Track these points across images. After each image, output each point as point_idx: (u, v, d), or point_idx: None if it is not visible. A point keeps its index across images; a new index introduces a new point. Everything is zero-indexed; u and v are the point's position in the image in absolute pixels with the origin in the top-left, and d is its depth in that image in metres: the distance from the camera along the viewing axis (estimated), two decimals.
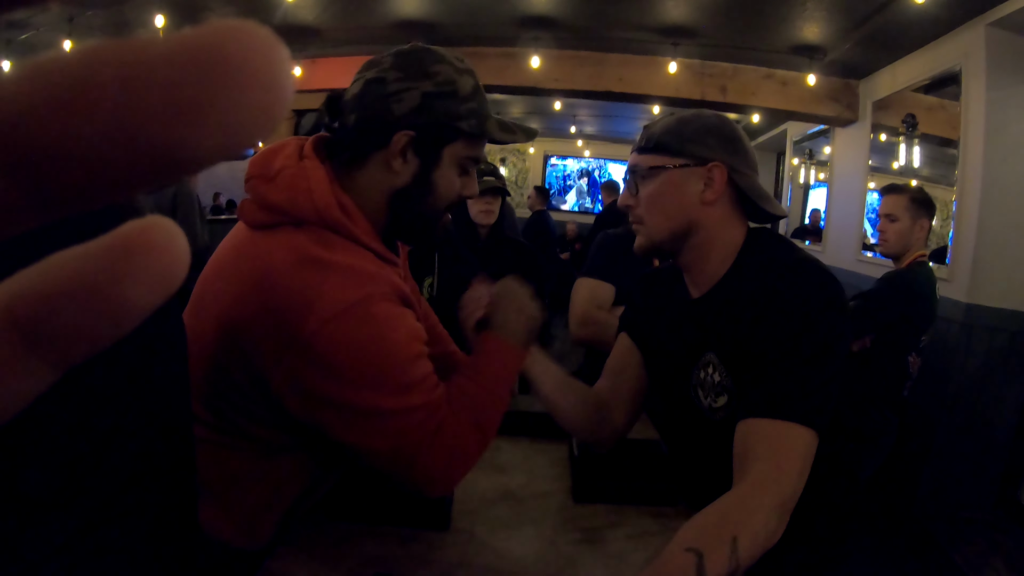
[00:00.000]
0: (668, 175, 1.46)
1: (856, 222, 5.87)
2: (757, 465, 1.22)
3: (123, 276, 0.18)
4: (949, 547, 3.66)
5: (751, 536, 1.13)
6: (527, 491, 1.65)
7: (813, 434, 1.25)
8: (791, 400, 1.25)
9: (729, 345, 1.41)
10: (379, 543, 1.39)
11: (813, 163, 7.73)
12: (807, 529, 1.29)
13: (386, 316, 1.20)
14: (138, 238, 0.18)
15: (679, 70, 5.74)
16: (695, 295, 1.52)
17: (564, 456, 1.84)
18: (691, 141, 1.44)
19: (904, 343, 3.16)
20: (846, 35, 4.92)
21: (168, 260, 0.18)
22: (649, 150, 1.48)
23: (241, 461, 1.29)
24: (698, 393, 1.48)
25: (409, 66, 1.27)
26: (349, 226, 1.24)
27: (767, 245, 1.47)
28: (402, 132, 1.27)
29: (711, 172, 1.43)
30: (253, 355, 1.18)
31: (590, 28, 5.50)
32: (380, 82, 1.27)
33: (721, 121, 1.48)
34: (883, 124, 5.59)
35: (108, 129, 0.16)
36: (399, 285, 1.25)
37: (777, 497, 1.18)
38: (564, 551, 1.41)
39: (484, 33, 5.80)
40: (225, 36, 0.17)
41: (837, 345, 1.31)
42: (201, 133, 0.16)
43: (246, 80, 0.17)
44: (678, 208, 1.46)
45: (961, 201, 4.23)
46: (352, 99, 1.27)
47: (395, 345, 1.21)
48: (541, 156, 12.70)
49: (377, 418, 1.20)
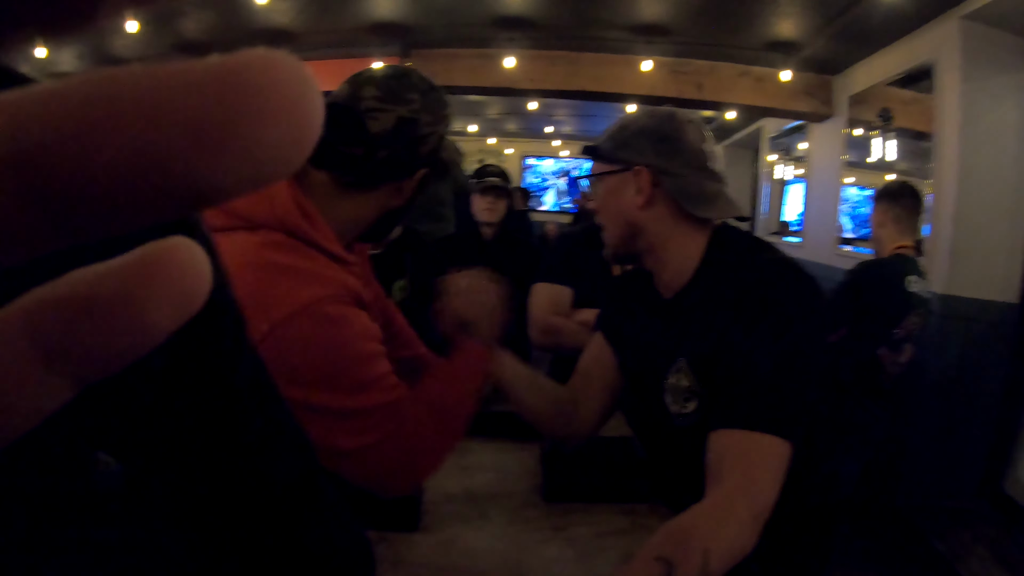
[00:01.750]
0: (605, 181, 1.49)
1: (832, 216, 5.90)
2: (729, 476, 1.21)
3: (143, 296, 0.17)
4: (933, 537, 3.67)
5: (723, 547, 1.12)
6: (497, 490, 1.64)
7: (787, 444, 1.23)
8: (764, 410, 1.24)
9: (699, 350, 1.39)
10: None
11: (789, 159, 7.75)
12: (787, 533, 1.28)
13: (339, 317, 1.19)
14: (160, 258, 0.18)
15: (654, 68, 5.74)
16: (666, 296, 1.52)
17: (535, 455, 1.83)
18: (622, 146, 1.46)
19: (872, 336, 3.16)
20: (820, 30, 4.93)
21: (189, 281, 0.18)
22: (594, 156, 1.53)
23: None
24: (666, 399, 1.46)
25: (434, 108, 1.32)
26: (309, 231, 1.24)
27: (734, 245, 1.46)
28: (423, 170, 1.36)
29: (637, 176, 1.44)
30: None
31: (565, 28, 5.49)
32: (414, 123, 1.30)
33: (660, 121, 1.46)
34: (859, 119, 5.60)
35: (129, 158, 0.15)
36: (352, 286, 1.25)
37: (750, 509, 1.17)
38: (534, 550, 1.40)
39: (459, 34, 5.77)
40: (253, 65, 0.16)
41: (812, 350, 1.30)
42: (226, 165, 0.16)
43: (273, 111, 0.16)
44: (618, 213, 1.48)
45: (937, 193, 4.24)
46: (384, 134, 1.28)
47: (349, 345, 1.20)
48: (519, 157, 12.68)
49: (333, 418, 1.19)
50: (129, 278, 0.17)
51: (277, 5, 5.24)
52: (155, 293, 0.17)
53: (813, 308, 1.32)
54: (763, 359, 1.27)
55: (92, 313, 0.17)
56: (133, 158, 0.15)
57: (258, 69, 0.16)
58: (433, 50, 5.93)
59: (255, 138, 0.16)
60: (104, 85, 0.16)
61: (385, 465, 1.24)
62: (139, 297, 0.17)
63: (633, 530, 1.47)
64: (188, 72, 0.16)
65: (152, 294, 0.17)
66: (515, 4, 5.10)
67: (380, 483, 1.27)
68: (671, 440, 1.49)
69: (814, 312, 1.32)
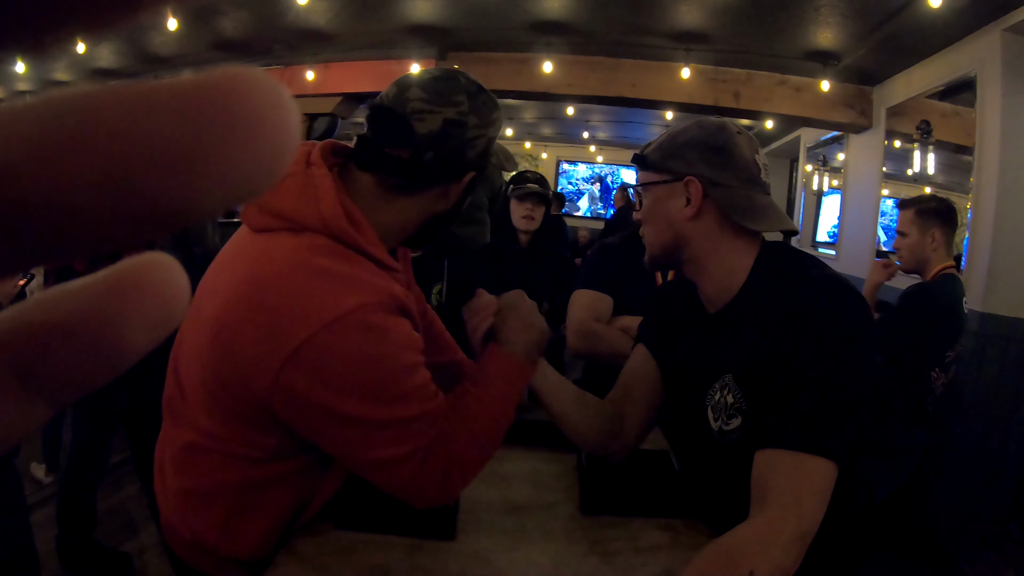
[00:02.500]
0: (654, 191, 1.47)
1: (870, 229, 5.83)
2: (776, 498, 1.19)
3: (119, 316, 0.17)
4: (961, 560, 3.62)
5: (767, 570, 1.11)
6: (534, 502, 1.63)
7: (833, 466, 1.21)
8: (812, 431, 1.22)
9: (745, 366, 1.37)
10: (383, 552, 1.38)
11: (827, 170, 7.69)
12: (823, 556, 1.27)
13: (381, 326, 1.18)
14: (136, 277, 0.18)
15: (692, 76, 5.72)
16: (711, 310, 1.50)
17: (572, 467, 1.81)
18: (672, 156, 1.44)
19: (927, 358, 3.11)
20: (860, 41, 4.89)
21: (166, 300, 0.18)
22: (642, 167, 1.50)
23: (239, 471, 1.28)
24: (708, 415, 1.44)
25: (482, 111, 1.31)
26: (354, 235, 1.23)
27: (784, 260, 1.43)
28: (469, 173, 1.34)
29: (687, 187, 1.42)
30: (243, 359, 1.17)
31: (603, 34, 5.49)
32: (461, 126, 1.29)
33: (711, 132, 1.44)
34: (897, 131, 5.55)
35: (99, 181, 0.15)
36: (398, 294, 1.24)
37: (795, 532, 1.16)
38: (571, 564, 1.39)
39: (497, 38, 5.79)
40: (224, 84, 0.16)
41: (861, 370, 1.27)
42: (196, 185, 0.16)
43: (244, 131, 0.16)
44: (665, 224, 1.46)
45: (976, 209, 4.19)
46: (430, 136, 1.27)
47: (390, 354, 1.19)
48: (554, 161, 12.68)
49: (370, 428, 1.18)
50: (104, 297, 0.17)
51: (316, 6, 5.27)
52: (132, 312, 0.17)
53: (865, 328, 1.30)
54: (814, 378, 1.25)
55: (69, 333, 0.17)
56: (100, 179, 0.15)
57: (229, 88, 0.16)
58: (471, 53, 5.96)
59: (225, 158, 0.16)
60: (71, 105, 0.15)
61: (421, 475, 1.23)
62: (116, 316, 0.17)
63: (672, 546, 1.45)
64: (158, 91, 0.16)
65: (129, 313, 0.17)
66: (554, 8, 5.10)
67: (415, 493, 1.26)
68: (711, 456, 1.47)
69: (866, 332, 1.30)
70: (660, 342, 1.64)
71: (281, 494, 1.33)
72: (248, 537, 1.33)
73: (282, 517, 1.35)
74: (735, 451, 1.34)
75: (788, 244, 1.52)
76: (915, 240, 3.16)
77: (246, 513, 1.31)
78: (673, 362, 1.59)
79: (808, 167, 8.00)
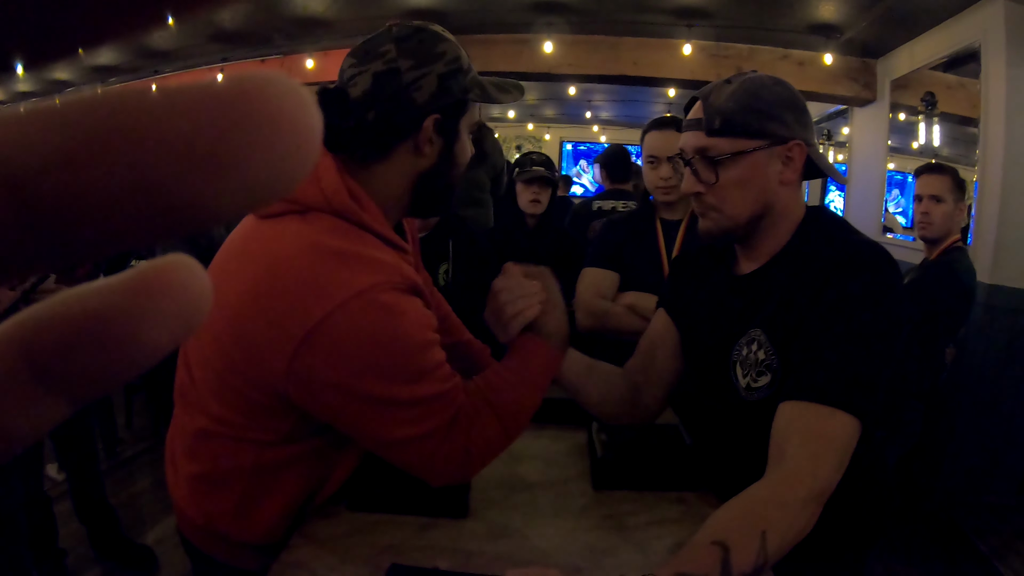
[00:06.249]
0: (751, 159, 1.36)
1: (876, 203, 5.81)
2: (794, 453, 1.17)
3: (140, 317, 0.17)
4: (972, 534, 3.62)
5: (781, 531, 1.09)
6: (545, 479, 1.63)
7: (857, 423, 1.19)
8: (838, 385, 1.20)
9: (778, 322, 1.35)
10: (396, 532, 1.38)
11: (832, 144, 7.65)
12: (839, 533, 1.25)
13: (395, 304, 1.17)
14: (157, 278, 0.18)
15: (694, 52, 5.69)
16: (745, 270, 1.47)
17: (582, 444, 1.81)
18: (770, 119, 1.35)
19: (943, 335, 3.09)
20: (862, 13, 4.85)
21: (187, 301, 0.18)
22: (723, 132, 1.36)
23: (251, 455, 1.28)
24: (736, 372, 1.42)
25: (417, 52, 1.24)
26: (359, 212, 1.22)
27: (826, 223, 1.42)
28: (429, 118, 1.26)
29: (791, 151, 1.36)
30: (256, 345, 1.16)
31: (603, 12, 5.46)
32: (393, 74, 1.23)
33: (790, 91, 1.39)
34: (902, 103, 5.51)
35: (121, 181, 0.15)
36: (409, 273, 1.23)
37: (811, 490, 1.14)
38: (585, 539, 1.39)
39: (496, 19, 5.75)
40: (247, 88, 0.16)
41: (892, 332, 1.26)
42: (219, 188, 0.16)
43: (267, 135, 0.16)
44: (759, 192, 1.38)
45: (982, 180, 4.16)
46: (364, 96, 1.23)
47: (405, 333, 1.18)
48: (557, 142, 12.63)
49: (387, 407, 1.18)
50: (126, 297, 0.17)
51: None
52: (153, 313, 0.17)
53: (898, 293, 1.29)
54: (844, 334, 1.23)
55: (88, 333, 0.17)
56: (125, 181, 0.15)
57: (252, 91, 0.16)
58: (470, 36, 5.91)
59: (248, 161, 0.16)
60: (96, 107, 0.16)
61: (438, 454, 1.23)
62: (137, 317, 0.17)
63: (685, 519, 1.45)
64: (182, 95, 0.16)
65: (150, 314, 0.17)
66: None
67: (432, 472, 1.26)
68: (733, 418, 1.45)
69: (899, 297, 1.29)
70: (681, 306, 1.62)
71: (294, 477, 1.33)
72: (261, 521, 1.33)
73: (295, 500, 1.35)
74: (760, 410, 1.32)
75: (828, 208, 1.50)
76: (949, 209, 3.11)
77: (259, 497, 1.31)
78: (695, 323, 1.57)
79: None
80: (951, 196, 3.10)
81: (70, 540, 3.12)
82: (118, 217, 0.16)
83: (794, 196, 1.41)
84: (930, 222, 3.14)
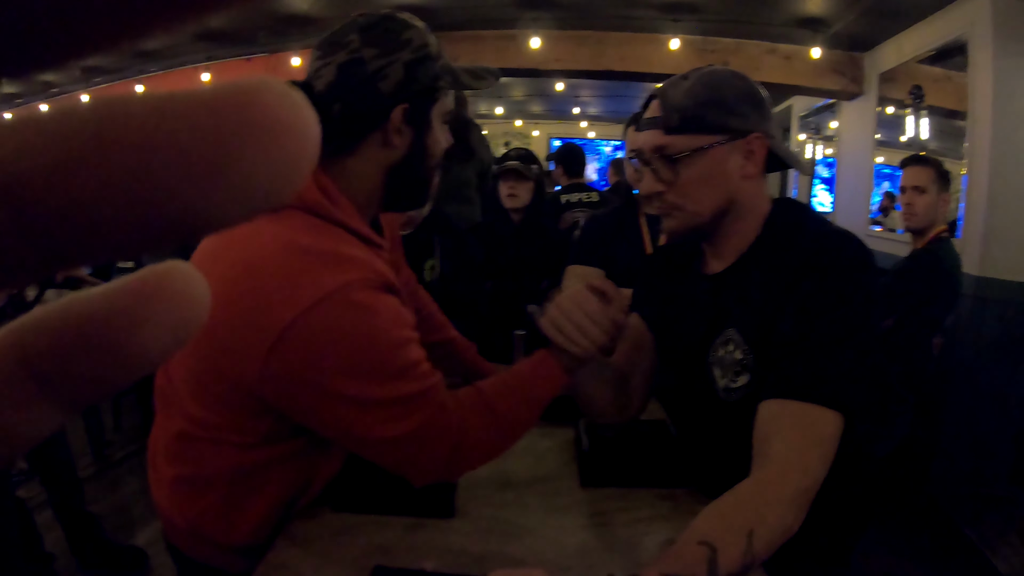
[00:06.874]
0: (711, 155, 1.33)
1: (864, 196, 5.84)
2: (778, 451, 1.16)
3: (139, 323, 0.17)
4: (964, 524, 3.62)
5: (768, 529, 1.09)
6: (533, 476, 1.61)
7: (840, 418, 1.19)
8: (818, 381, 1.19)
9: (752, 320, 1.33)
10: (382, 533, 1.36)
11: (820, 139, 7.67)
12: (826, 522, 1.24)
13: (369, 303, 1.15)
14: (156, 284, 0.18)
15: (681, 47, 5.70)
16: (717, 269, 1.45)
17: (569, 440, 1.80)
18: (729, 113, 1.32)
19: (930, 324, 3.10)
20: (850, 6, 4.86)
21: (186, 307, 0.18)
22: (682, 129, 1.33)
23: (232, 457, 1.26)
24: (714, 373, 1.40)
25: (382, 40, 1.22)
26: (331, 208, 1.20)
27: (795, 214, 1.40)
28: (397, 108, 1.24)
29: (751, 145, 1.34)
30: (231, 346, 1.14)
31: (590, 7, 5.45)
32: (357, 64, 1.21)
33: (749, 84, 1.36)
34: (889, 97, 5.52)
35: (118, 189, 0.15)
36: (382, 270, 1.21)
37: (798, 487, 1.13)
38: (573, 537, 1.38)
39: (482, 15, 5.73)
40: (245, 95, 0.16)
41: (869, 321, 1.25)
42: (217, 196, 0.16)
43: (267, 141, 0.16)
44: (722, 187, 1.35)
45: (971, 173, 4.18)
46: (329, 88, 1.21)
47: (380, 331, 1.16)
48: (545, 139, 12.61)
49: (367, 408, 1.16)
50: (124, 303, 0.17)
51: None
52: (151, 320, 0.17)
53: (872, 282, 1.28)
54: (821, 327, 1.22)
55: (86, 338, 0.17)
56: (122, 189, 0.15)
57: (249, 98, 0.16)
58: (457, 32, 5.89)
59: (246, 167, 0.16)
60: (92, 113, 0.15)
61: (423, 454, 1.21)
62: (135, 324, 0.17)
63: (674, 516, 1.43)
64: (179, 102, 0.16)
65: (148, 321, 0.17)
66: None
67: (415, 471, 1.24)
68: (714, 418, 1.43)
69: (874, 286, 1.28)
70: (654, 309, 1.60)
71: (277, 478, 1.31)
72: (245, 523, 1.31)
73: (279, 501, 1.33)
74: (739, 410, 1.31)
75: (795, 200, 1.48)
76: (932, 200, 3.14)
77: (242, 499, 1.29)
78: (669, 326, 1.55)
79: (801, 136, 7.98)
80: (934, 187, 3.14)
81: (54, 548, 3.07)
82: (115, 225, 0.16)
83: (757, 190, 1.39)
84: (914, 213, 3.19)
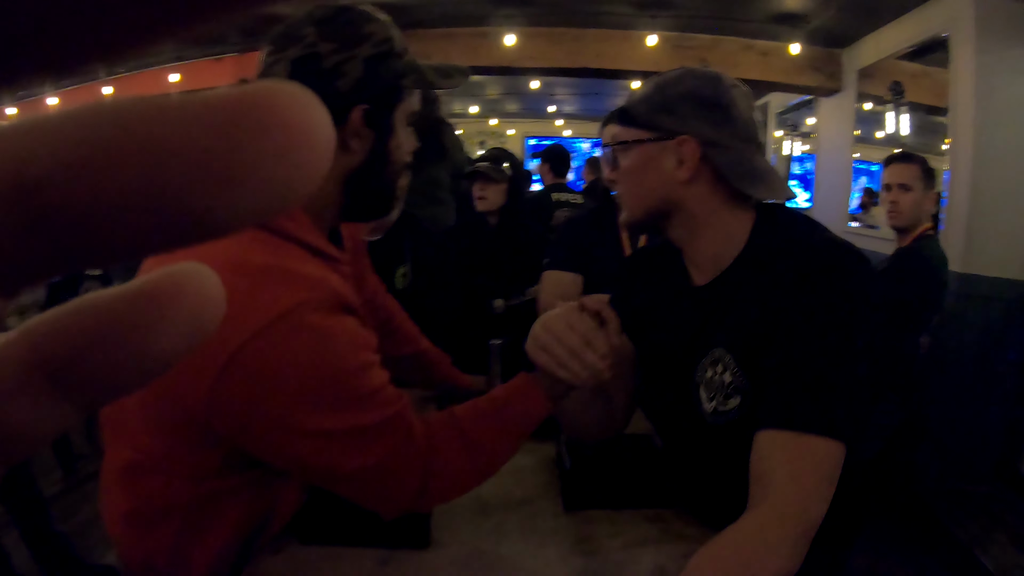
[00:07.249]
0: (640, 150, 1.31)
1: (843, 193, 5.86)
2: (780, 487, 1.09)
3: (153, 324, 0.17)
4: (951, 522, 3.61)
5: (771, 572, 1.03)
6: (512, 499, 1.51)
7: (841, 447, 1.11)
8: (817, 409, 1.11)
9: (743, 341, 1.25)
10: (353, 566, 1.27)
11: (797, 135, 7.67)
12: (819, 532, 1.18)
13: (323, 326, 1.05)
14: (170, 286, 0.18)
15: (658, 43, 5.68)
16: (700, 281, 1.37)
17: (549, 458, 1.69)
18: (662, 111, 1.29)
19: (917, 324, 3.07)
20: (828, 2, 4.85)
21: (199, 309, 0.18)
22: (622, 120, 1.35)
23: (184, 489, 1.16)
24: (700, 394, 1.32)
25: (340, 33, 1.13)
26: (282, 221, 1.10)
27: (784, 225, 1.31)
28: (355, 108, 1.14)
29: (680, 147, 1.28)
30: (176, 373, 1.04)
31: (565, 3, 5.41)
32: (312, 59, 1.11)
33: (706, 83, 1.30)
34: (868, 93, 5.53)
35: (134, 190, 0.15)
36: (338, 290, 1.11)
37: (802, 526, 1.06)
38: (557, 566, 1.29)
39: (456, 12, 5.64)
40: (260, 98, 0.16)
41: (869, 342, 1.16)
42: (232, 198, 0.16)
43: (282, 145, 0.16)
44: (652, 186, 1.31)
45: (953, 169, 4.17)
46: None
47: (337, 356, 1.06)
48: (521, 138, 12.57)
49: (329, 439, 1.06)
50: (139, 304, 0.17)
51: None
52: (165, 321, 0.17)
53: (872, 297, 1.19)
54: (818, 351, 1.14)
55: (102, 338, 0.17)
56: (138, 191, 0.15)
57: (264, 101, 0.16)
58: (430, 30, 5.81)
59: (260, 170, 0.16)
60: (107, 115, 0.15)
61: (391, 485, 1.12)
62: (149, 324, 0.17)
63: (663, 539, 1.35)
64: (195, 104, 0.16)
65: (162, 321, 0.17)
66: None
67: (386, 505, 1.15)
68: (700, 439, 1.35)
69: (873, 301, 1.19)
70: (634, 320, 1.48)
71: (235, 510, 1.21)
72: (202, 559, 1.21)
73: (238, 535, 1.23)
74: (731, 432, 1.23)
75: (785, 207, 1.40)
76: (918, 197, 3.11)
77: (197, 534, 1.19)
78: (651, 340, 1.46)
79: (778, 133, 7.98)
80: (919, 184, 3.11)
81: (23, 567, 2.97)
82: (130, 226, 0.15)
83: (708, 196, 1.30)
84: (899, 211, 3.17)
